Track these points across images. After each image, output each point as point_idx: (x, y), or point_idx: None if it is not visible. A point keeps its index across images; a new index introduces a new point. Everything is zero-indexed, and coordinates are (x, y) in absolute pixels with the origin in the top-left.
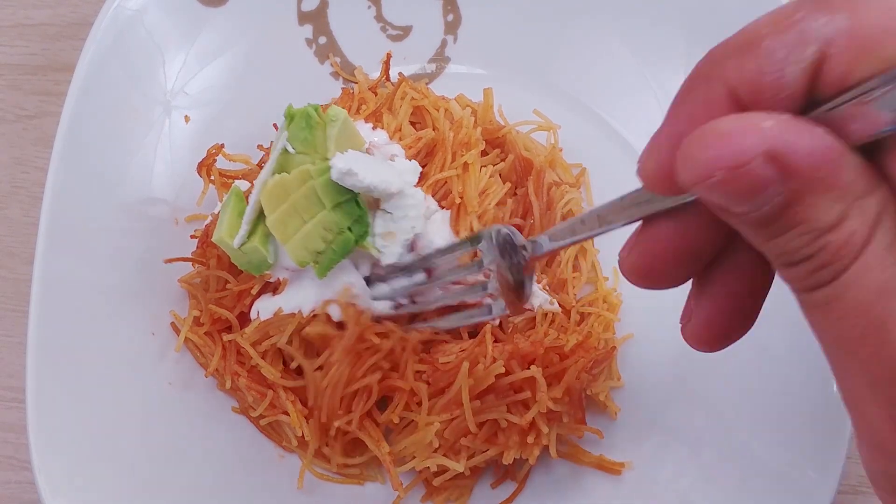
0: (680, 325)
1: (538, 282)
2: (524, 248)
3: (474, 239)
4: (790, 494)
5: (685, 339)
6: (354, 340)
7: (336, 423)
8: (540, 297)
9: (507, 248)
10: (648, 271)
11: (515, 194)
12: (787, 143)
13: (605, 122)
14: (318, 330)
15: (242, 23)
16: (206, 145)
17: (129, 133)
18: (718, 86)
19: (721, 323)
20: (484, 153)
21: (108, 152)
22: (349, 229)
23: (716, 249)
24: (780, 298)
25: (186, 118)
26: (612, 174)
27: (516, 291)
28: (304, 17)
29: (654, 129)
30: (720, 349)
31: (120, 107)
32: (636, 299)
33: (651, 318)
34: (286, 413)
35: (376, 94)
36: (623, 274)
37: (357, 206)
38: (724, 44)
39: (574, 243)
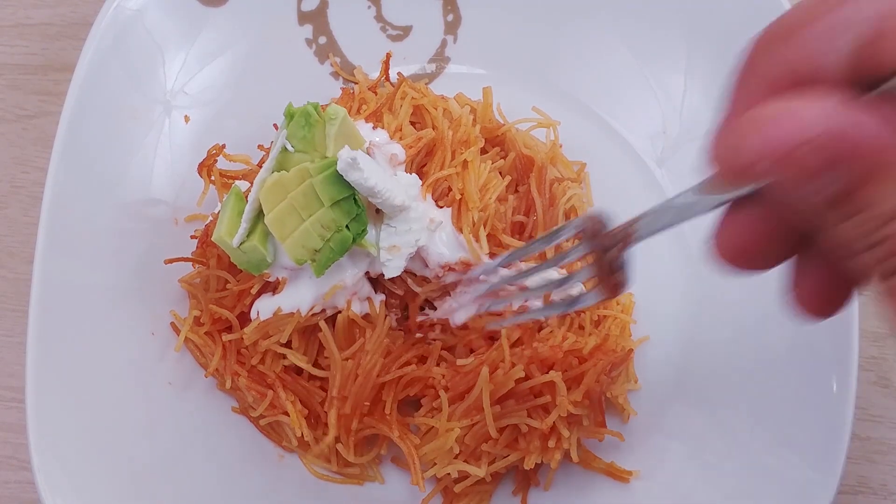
0: (789, 295)
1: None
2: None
3: (568, 227)
4: (790, 494)
5: (795, 307)
6: (386, 333)
7: (357, 423)
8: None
9: (601, 234)
10: (747, 254)
11: (517, 191)
12: (839, 127)
13: (604, 123)
14: (348, 317)
15: (242, 23)
16: (206, 145)
17: (129, 133)
18: (767, 73)
19: (828, 289)
20: (484, 151)
21: (108, 152)
22: (347, 227)
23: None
24: (780, 299)
25: (186, 118)
26: (613, 174)
27: (616, 275)
28: (304, 17)
29: (654, 129)
30: (830, 316)
31: (120, 107)
32: (642, 301)
33: (653, 319)
34: (286, 413)
35: (376, 94)
36: (720, 258)
37: (355, 203)
38: (769, 30)
39: (662, 231)
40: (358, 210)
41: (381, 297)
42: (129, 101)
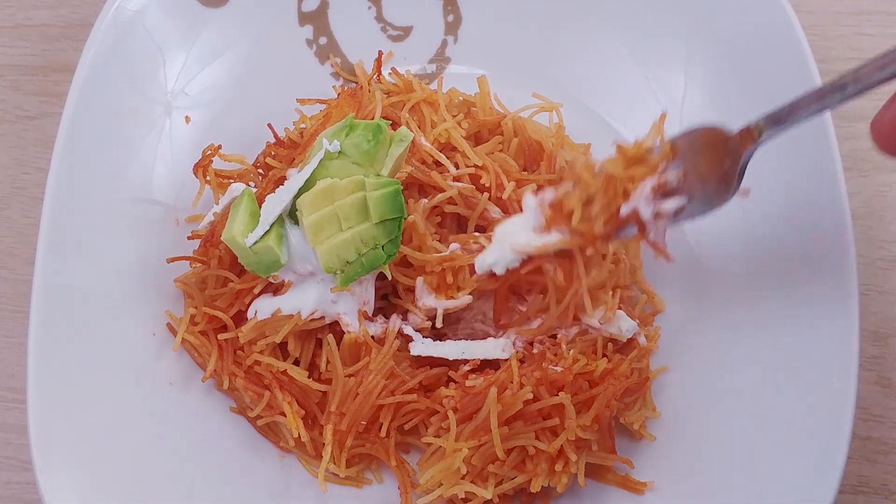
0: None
1: (619, 307)
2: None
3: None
4: (791, 494)
5: (874, 137)
6: (392, 355)
7: (352, 441)
8: (627, 322)
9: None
10: None
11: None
12: None
13: (605, 123)
14: (353, 338)
15: (243, 23)
16: (206, 146)
17: (130, 134)
18: None
19: None
20: (483, 140)
21: (109, 153)
22: (382, 247)
23: None
24: (781, 299)
25: (187, 119)
26: None
27: (725, 179)
28: (304, 18)
29: None
30: None
31: (120, 108)
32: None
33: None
34: (283, 414)
35: (369, 90)
36: (877, 139)
37: (398, 227)
38: None
39: (818, 113)
40: (397, 233)
41: (397, 319)
42: (130, 102)
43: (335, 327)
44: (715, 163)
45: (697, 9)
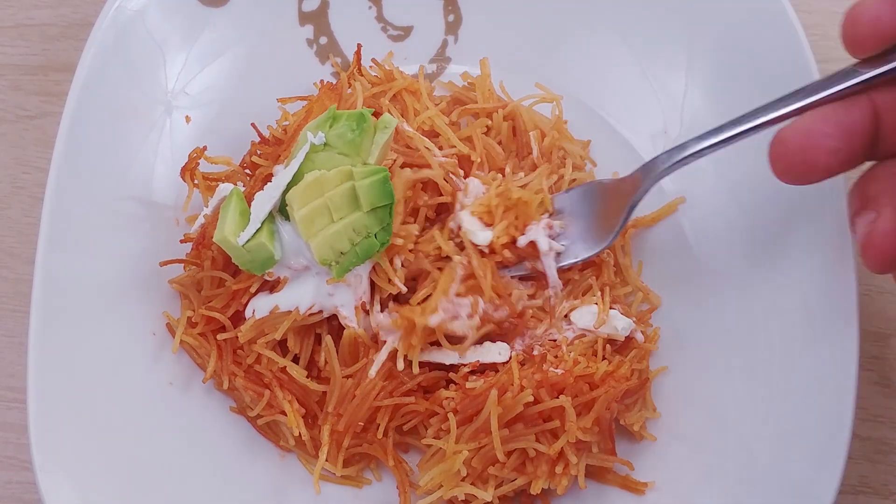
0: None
1: (613, 306)
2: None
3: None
4: (790, 494)
5: (863, 256)
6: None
7: (350, 441)
8: (622, 321)
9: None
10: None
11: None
12: None
13: (605, 123)
14: (352, 335)
15: (243, 23)
16: (205, 146)
17: (130, 133)
18: None
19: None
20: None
21: (109, 153)
22: (375, 235)
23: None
24: (781, 299)
25: (187, 118)
26: (614, 174)
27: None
28: (304, 18)
29: (655, 129)
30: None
31: (121, 107)
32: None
33: (654, 321)
34: (283, 413)
35: (350, 85)
36: (775, 158)
37: (389, 214)
38: None
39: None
40: (389, 220)
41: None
42: (130, 101)
43: (333, 324)
44: (598, 211)
45: (698, 9)
